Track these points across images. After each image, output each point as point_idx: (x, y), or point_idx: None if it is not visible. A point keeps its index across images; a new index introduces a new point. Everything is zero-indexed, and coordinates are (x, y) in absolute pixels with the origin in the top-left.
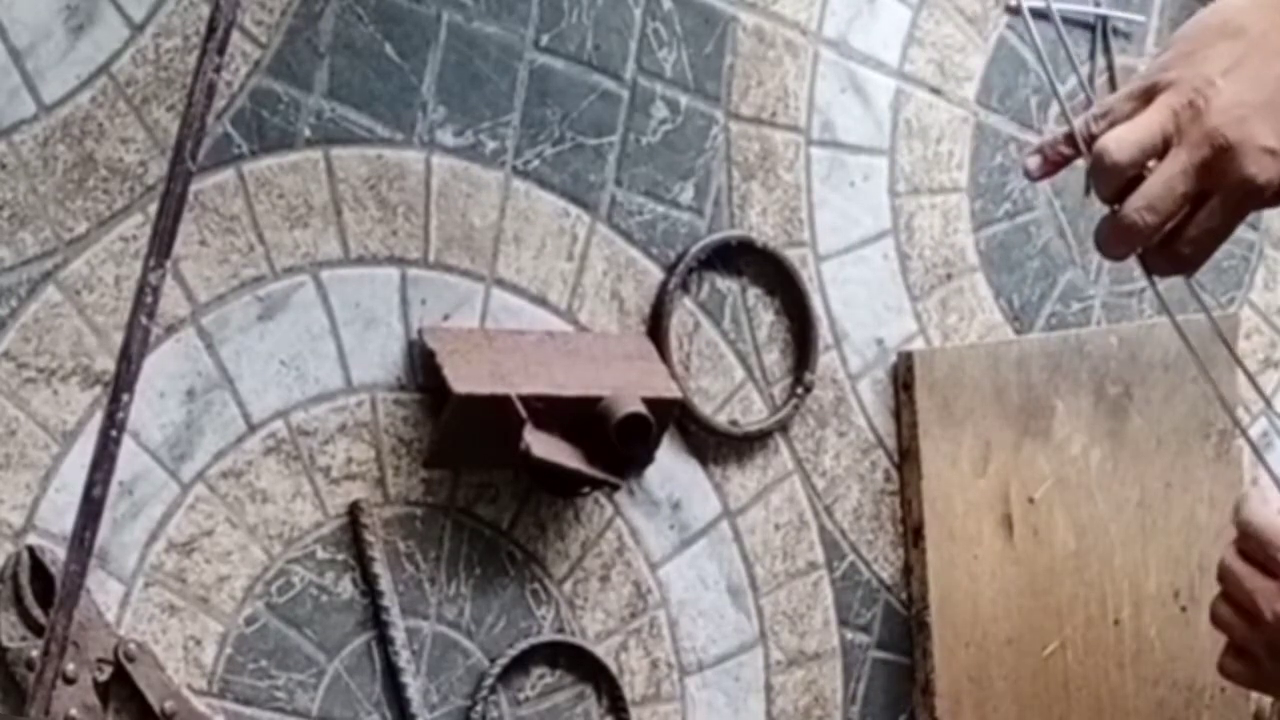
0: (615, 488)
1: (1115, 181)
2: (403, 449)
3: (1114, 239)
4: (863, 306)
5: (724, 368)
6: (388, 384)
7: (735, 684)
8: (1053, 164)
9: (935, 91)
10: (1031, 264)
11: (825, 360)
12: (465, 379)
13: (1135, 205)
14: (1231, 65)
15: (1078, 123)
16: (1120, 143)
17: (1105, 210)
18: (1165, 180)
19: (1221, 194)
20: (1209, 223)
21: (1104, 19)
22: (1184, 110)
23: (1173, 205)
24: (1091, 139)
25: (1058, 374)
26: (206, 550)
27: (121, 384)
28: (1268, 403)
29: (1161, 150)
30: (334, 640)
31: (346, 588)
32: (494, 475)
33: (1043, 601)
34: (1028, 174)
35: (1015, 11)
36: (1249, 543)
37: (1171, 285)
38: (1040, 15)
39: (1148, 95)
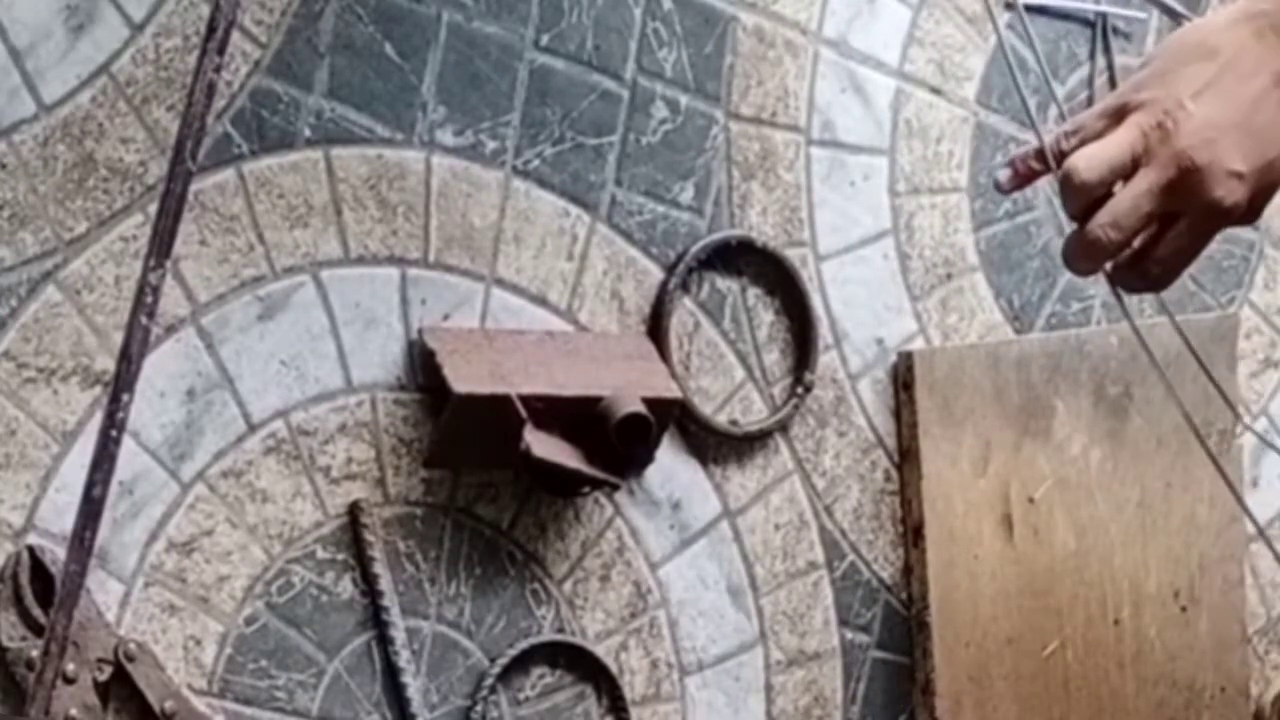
0: (615, 488)
1: (1083, 199)
2: (403, 449)
3: (1079, 254)
4: (863, 306)
5: (724, 368)
6: (388, 384)
7: (735, 684)
8: (1023, 177)
9: (935, 91)
10: (1031, 264)
11: (825, 360)
12: (465, 379)
13: (1100, 222)
14: (1203, 87)
15: (1049, 138)
16: (1089, 161)
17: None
18: (1131, 199)
19: (1189, 215)
20: (1177, 243)
21: (1103, 16)
22: (1153, 131)
23: (1137, 224)
24: (1062, 155)
25: (1058, 374)
26: (206, 550)
27: (121, 384)
28: (1238, 414)
29: (1130, 170)
30: (334, 640)
31: (346, 588)
32: (494, 475)
33: (1043, 601)
34: (998, 186)
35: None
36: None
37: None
38: (1010, 7)
39: (1119, 114)
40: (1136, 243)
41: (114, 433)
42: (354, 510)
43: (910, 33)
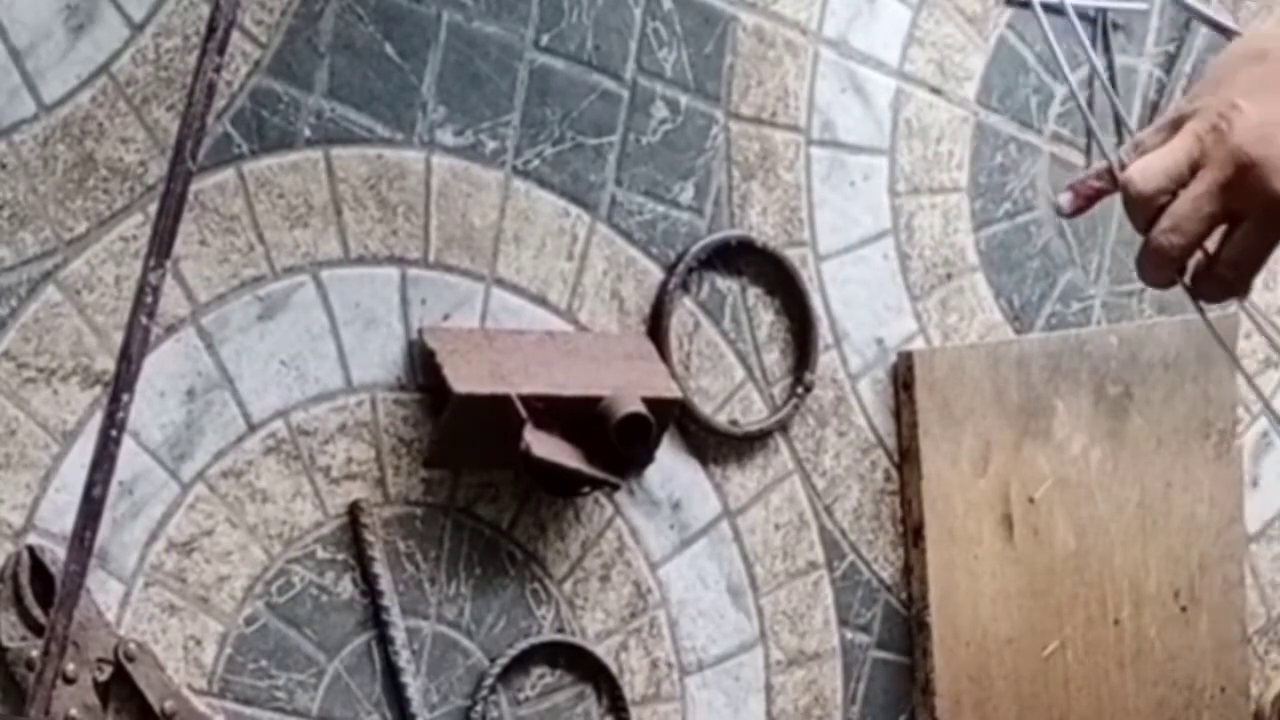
0: (615, 488)
1: (1145, 211)
2: (403, 449)
3: (1148, 264)
4: (863, 306)
5: (724, 368)
6: (388, 384)
7: (735, 684)
8: (1084, 198)
9: (935, 91)
10: (1031, 264)
11: (825, 360)
12: (465, 379)
13: (1162, 228)
14: (1255, 87)
15: (1113, 156)
16: (1145, 171)
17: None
18: (1190, 201)
19: (1253, 213)
20: (1245, 243)
21: (1104, 12)
22: (1208, 134)
23: (1199, 226)
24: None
25: (1058, 374)
26: (206, 550)
27: (121, 384)
28: (1266, 404)
29: (1188, 176)
30: (334, 640)
31: (346, 588)
32: (494, 475)
33: (1043, 601)
34: (1059, 211)
35: (1023, 4)
36: None
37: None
38: (1050, 8)
39: (1176, 126)
40: (1209, 249)
41: (114, 433)
42: (354, 510)
43: (910, 33)
